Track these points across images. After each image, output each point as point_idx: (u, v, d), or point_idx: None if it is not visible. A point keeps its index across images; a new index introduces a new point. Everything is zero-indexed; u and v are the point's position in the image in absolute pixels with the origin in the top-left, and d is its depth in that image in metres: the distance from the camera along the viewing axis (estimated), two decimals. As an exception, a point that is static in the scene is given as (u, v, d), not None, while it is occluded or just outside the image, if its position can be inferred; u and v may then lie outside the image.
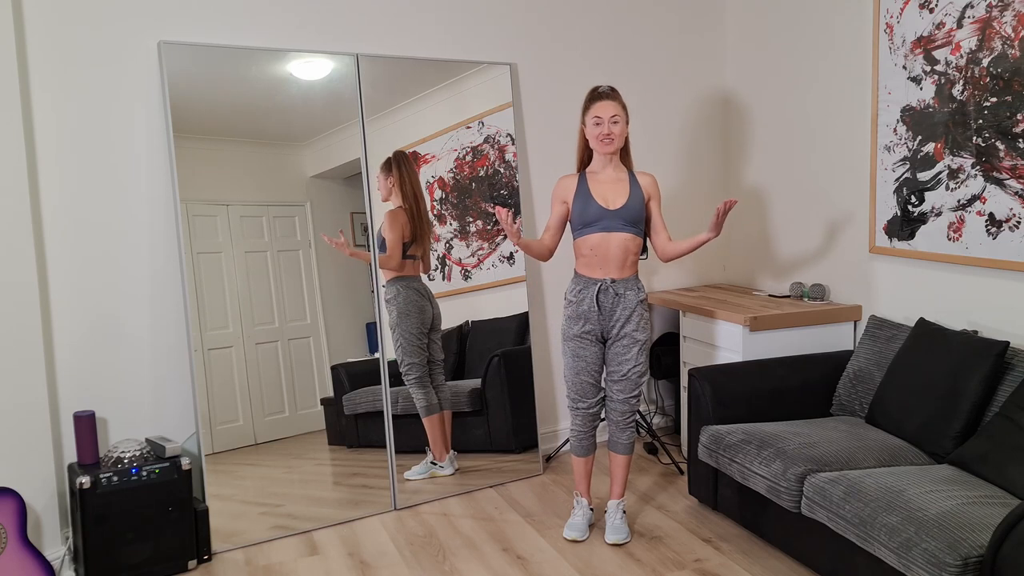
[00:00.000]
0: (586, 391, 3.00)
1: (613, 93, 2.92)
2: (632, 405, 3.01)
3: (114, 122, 3.00)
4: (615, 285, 2.92)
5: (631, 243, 2.92)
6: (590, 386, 3.00)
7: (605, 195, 2.93)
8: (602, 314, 2.93)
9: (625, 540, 3.00)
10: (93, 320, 3.01)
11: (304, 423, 3.24)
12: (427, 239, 3.47)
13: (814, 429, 2.88)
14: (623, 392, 2.98)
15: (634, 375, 2.97)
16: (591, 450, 3.10)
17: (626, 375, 2.96)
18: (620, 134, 2.91)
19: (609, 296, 2.92)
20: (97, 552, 2.72)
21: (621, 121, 2.90)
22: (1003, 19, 2.82)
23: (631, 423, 3.04)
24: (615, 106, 2.89)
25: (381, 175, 3.36)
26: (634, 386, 2.98)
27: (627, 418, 3.02)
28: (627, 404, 3.00)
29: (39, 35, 2.85)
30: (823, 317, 3.49)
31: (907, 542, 2.12)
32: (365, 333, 3.36)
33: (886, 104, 3.32)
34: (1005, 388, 2.64)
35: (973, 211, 2.99)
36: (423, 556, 2.94)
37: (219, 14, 3.13)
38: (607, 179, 2.96)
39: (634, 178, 2.97)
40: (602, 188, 2.94)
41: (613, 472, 3.07)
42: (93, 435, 2.86)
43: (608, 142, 2.89)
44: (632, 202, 2.91)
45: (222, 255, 3.11)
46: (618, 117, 2.89)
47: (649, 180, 2.99)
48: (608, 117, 2.88)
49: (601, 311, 2.93)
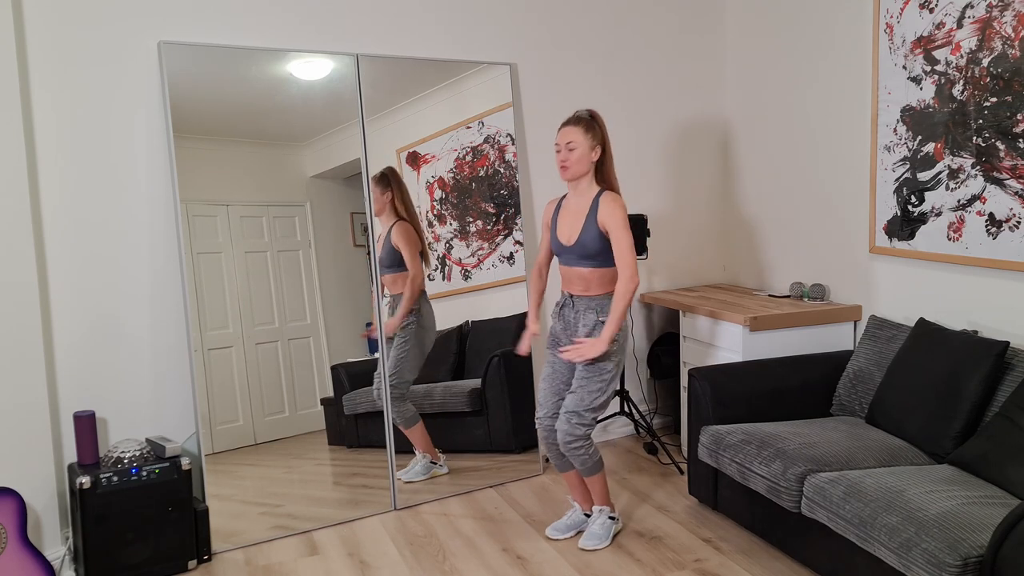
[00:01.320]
0: (546, 398, 2.96)
1: (576, 119, 2.84)
2: (572, 425, 2.80)
3: (114, 122, 3.00)
4: (576, 300, 2.92)
5: (590, 275, 2.86)
6: (550, 394, 2.96)
7: (565, 228, 2.91)
8: (567, 328, 2.95)
9: (596, 547, 2.94)
10: (93, 320, 3.01)
11: (304, 423, 3.24)
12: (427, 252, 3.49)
13: (814, 429, 2.88)
14: (568, 407, 2.83)
15: (581, 391, 2.81)
16: (567, 466, 3.00)
17: (575, 390, 2.84)
18: (576, 160, 2.82)
19: (569, 310, 2.94)
20: (97, 552, 2.72)
21: (578, 147, 2.82)
22: (1003, 19, 2.82)
23: (576, 449, 2.83)
24: (573, 131, 2.82)
25: (376, 189, 3.33)
26: (579, 401, 2.80)
27: (568, 442, 2.82)
28: (567, 423, 2.81)
29: (39, 35, 2.85)
30: (823, 317, 3.49)
31: (907, 542, 2.12)
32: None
33: (886, 104, 3.32)
34: (1005, 388, 2.64)
35: (973, 211, 2.99)
36: (423, 556, 2.94)
37: (219, 14, 3.13)
38: (571, 209, 2.91)
39: (595, 207, 2.83)
40: (567, 219, 2.92)
41: (587, 485, 3.02)
42: (93, 435, 2.86)
43: (565, 168, 2.85)
44: (584, 237, 2.83)
45: (222, 255, 3.11)
46: (574, 144, 2.81)
47: (608, 209, 2.79)
48: (564, 144, 2.84)
49: (566, 325, 2.95)
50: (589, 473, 2.93)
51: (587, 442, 2.86)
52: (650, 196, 4.16)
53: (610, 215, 2.80)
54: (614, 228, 2.79)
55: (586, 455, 2.87)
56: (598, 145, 2.85)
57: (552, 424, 2.95)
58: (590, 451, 2.88)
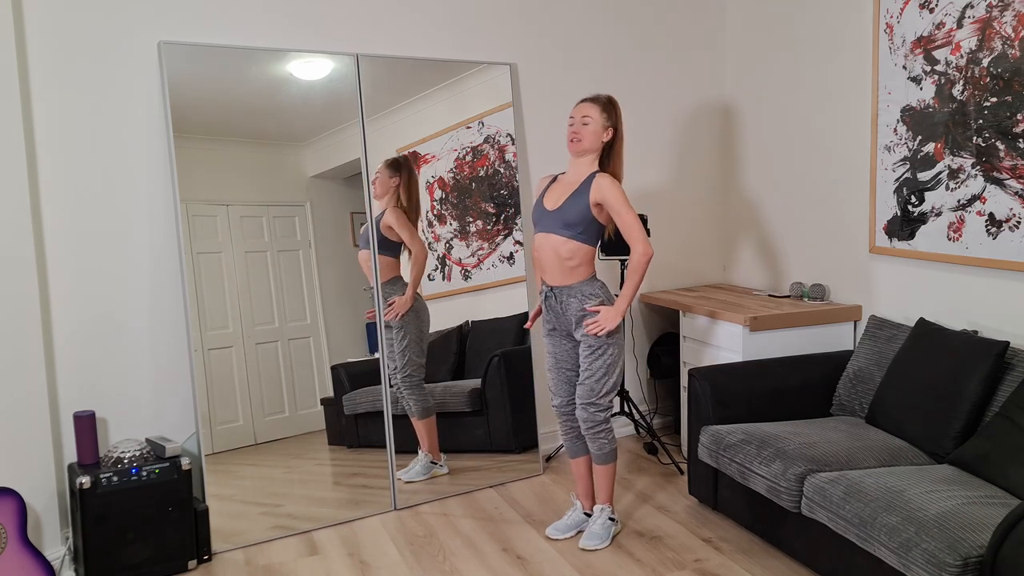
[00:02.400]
0: (557, 387, 3.01)
1: (595, 97, 2.86)
2: (591, 413, 2.89)
3: (114, 122, 3.00)
4: (557, 292, 2.90)
5: (561, 247, 2.82)
6: (560, 382, 3.00)
7: (552, 196, 2.90)
8: (556, 317, 2.96)
9: (596, 547, 2.94)
10: (93, 320, 3.01)
11: (304, 423, 3.24)
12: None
13: (814, 429, 2.88)
14: (580, 398, 2.90)
15: (589, 381, 2.87)
16: (580, 452, 3.05)
17: (583, 381, 2.89)
18: (589, 134, 2.82)
19: (552, 302, 2.94)
20: (97, 552, 2.72)
21: (592, 123, 2.82)
22: (1003, 19, 2.82)
23: (598, 433, 2.91)
24: (590, 107, 2.84)
25: (385, 171, 3.33)
26: (590, 392, 2.87)
27: (589, 427, 2.90)
28: (585, 411, 2.89)
29: (39, 35, 2.85)
30: (823, 317, 3.49)
31: (907, 542, 2.12)
32: (365, 333, 3.36)
33: (886, 104, 3.32)
34: (1005, 388, 2.64)
35: (973, 211, 2.99)
36: (423, 556, 2.94)
37: (219, 14, 3.13)
38: (566, 180, 2.91)
39: (588, 182, 2.82)
40: (557, 189, 2.90)
41: (595, 478, 3.04)
42: (93, 435, 2.86)
43: (575, 141, 2.84)
44: (568, 204, 2.81)
45: (222, 255, 3.11)
46: (589, 119, 2.82)
47: (603, 184, 2.78)
48: (579, 117, 2.84)
49: (554, 315, 2.96)
50: (603, 461, 2.96)
51: (607, 426, 2.93)
52: (650, 196, 4.16)
53: (607, 192, 2.77)
54: (614, 204, 2.77)
55: (606, 440, 2.94)
56: (611, 127, 2.85)
57: (570, 411, 3.01)
58: (610, 436, 2.94)
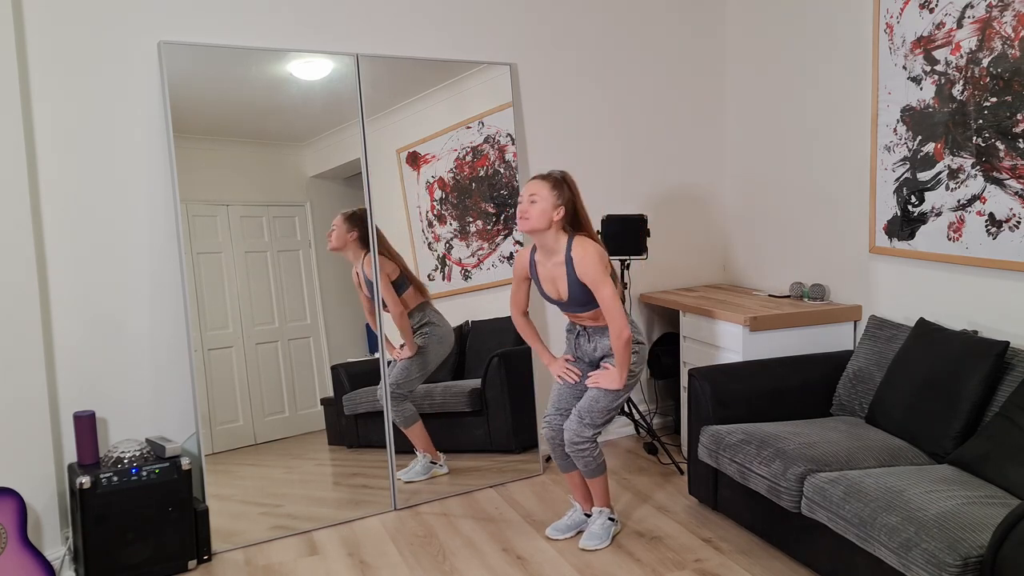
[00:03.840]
0: (556, 399, 3.03)
1: (545, 175, 2.83)
2: (582, 426, 2.86)
3: (114, 122, 3.00)
4: (591, 331, 2.98)
5: (597, 314, 2.90)
6: (560, 394, 3.02)
7: (551, 286, 2.91)
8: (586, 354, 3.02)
9: (596, 547, 2.95)
10: (93, 320, 3.01)
11: (304, 423, 3.24)
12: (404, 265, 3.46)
13: (814, 429, 2.88)
14: (578, 410, 2.89)
15: (590, 402, 2.87)
16: (570, 467, 3.03)
17: (586, 398, 2.89)
18: (538, 213, 2.78)
19: (585, 340, 3.01)
20: (97, 552, 2.72)
21: (541, 201, 2.78)
22: (1003, 19, 2.82)
23: (582, 451, 2.88)
24: (539, 185, 2.81)
25: (343, 225, 3.28)
26: (589, 409, 2.86)
27: (574, 443, 2.88)
28: (577, 423, 2.87)
29: (39, 35, 2.85)
30: (823, 317, 3.49)
31: (907, 542, 2.12)
32: (365, 333, 3.36)
33: (886, 104, 3.32)
34: (1005, 388, 2.64)
35: (973, 211, 2.99)
36: (423, 556, 2.94)
37: (219, 14, 3.13)
38: (548, 265, 2.89)
39: (569, 260, 2.81)
40: (547, 279, 2.91)
41: (589, 487, 3.04)
42: (93, 435, 2.86)
43: (522, 219, 2.82)
44: (574, 292, 2.85)
45: (222, 255, 3.11)
46: (536, 197, 2.79)
47: (581, 264, 2.78)
48: (528, 195, 2.82)
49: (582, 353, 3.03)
50: (592, 475, 2.95)
51: (592, 444, 2.89)
52: (650, 196, 4.16)
53: (587, 269, 2.78)
54: (593, 282, 2.78)
55: (590, 457, 2.90)
56: (562, 206, 2.81)
57: (559, 423, 2.99)
58: (594, 454, 2.91)
